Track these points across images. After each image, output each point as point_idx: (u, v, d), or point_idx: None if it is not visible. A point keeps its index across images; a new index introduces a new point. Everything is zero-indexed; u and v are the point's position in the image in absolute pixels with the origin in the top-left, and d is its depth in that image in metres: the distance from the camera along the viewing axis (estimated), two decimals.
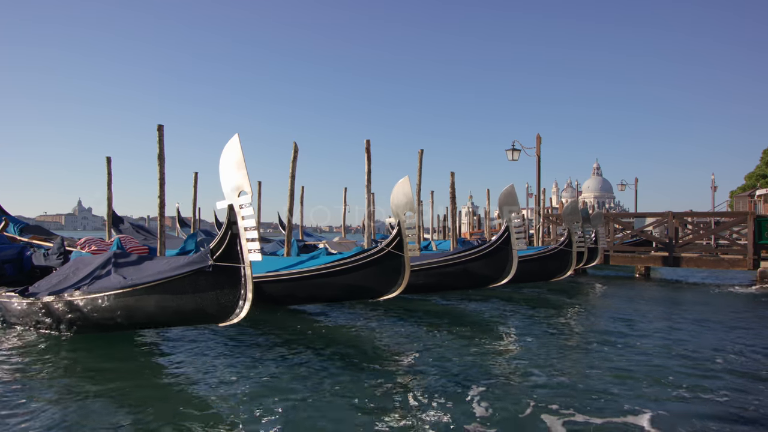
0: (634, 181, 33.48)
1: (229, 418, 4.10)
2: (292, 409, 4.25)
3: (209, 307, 5.08)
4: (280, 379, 5.02)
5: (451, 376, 5.15)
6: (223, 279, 4.92)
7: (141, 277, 5.51)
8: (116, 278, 5.78)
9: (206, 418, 4.08)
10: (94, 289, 5.78)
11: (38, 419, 4.00)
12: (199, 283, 5.04)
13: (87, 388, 4.71)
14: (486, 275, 9.29)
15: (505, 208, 8.94)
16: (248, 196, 4.75)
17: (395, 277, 7.50)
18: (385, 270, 7.53)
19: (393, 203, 7.49)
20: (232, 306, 4.95)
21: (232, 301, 4.94)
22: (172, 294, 5.20)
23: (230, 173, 4.76)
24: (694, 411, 4.28)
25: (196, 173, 14.88)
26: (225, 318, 5.06)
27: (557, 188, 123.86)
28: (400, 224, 7.36)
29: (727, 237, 16.29)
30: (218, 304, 5.01)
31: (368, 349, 6.40)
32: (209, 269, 4.92)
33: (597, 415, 4.15)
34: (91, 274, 6.15)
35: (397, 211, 7.48)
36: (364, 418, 4.08)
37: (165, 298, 5.26)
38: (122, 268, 6.00)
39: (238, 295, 4.90)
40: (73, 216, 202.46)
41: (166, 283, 5.20)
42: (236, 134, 4.80)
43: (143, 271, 5.75)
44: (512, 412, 4.22)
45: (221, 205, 4.84)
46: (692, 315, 9.15)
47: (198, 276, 5.01)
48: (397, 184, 7.63)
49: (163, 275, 5.25)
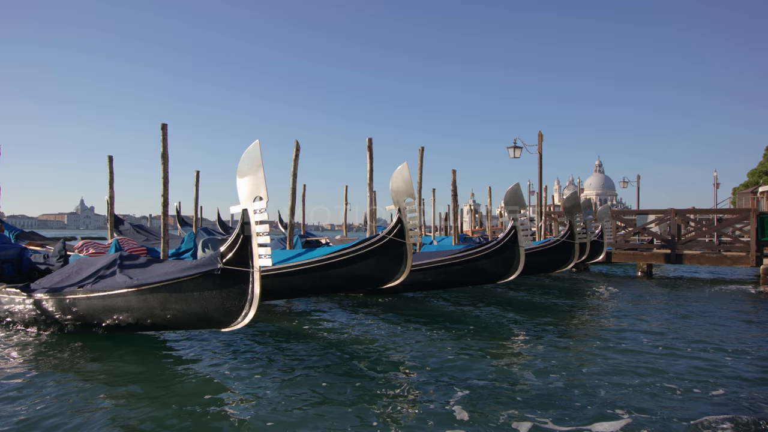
0: (636, 178, 33.35)
1: (228, 417, 4.12)
2: (293, 410, 4.27)
3: (214, 311, 5.03)
4: (280, 380, 5.03)
5: (446, 375, 5.16)
6: (230, 283, 4.88)
7: (147, 278, 5.48)
8: (122, 278, 5.74)
9: (212, 419, 4.10)
10: (99, 288, 5.76)
11: (38, 418, 4.01)
12: (206, 286, 4.99)
13: (88, 387, 4.73)
14: (493, 272, 9.35)
15: (511, 207, 8.95)
16: (264, 202, 4.74)
17: (398, 264, 7.47)
18: (387, 258, 7.49)
19: (392, 190, 7.39)
20: (237, 311, 4.90)
21: (237, 306, 4.89)
22: (178, 296, 5.16)
23: (248, 178, 4.75)
24: (694, 412, 4.29)
25: (197, 172, 14.88)
26: (228, 323, 5.01)
27: (559, 186, 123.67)
28: (401, 211, 7.31)
29: (730, 234, 16.25)
30: (223, 308, 4.96)
31: (370, 350, 6.41)
32: (218, 272, 4.87)
33: (599, 415, 4.16)
34: (96, 273, 6.12)
35: (396, 198, 7.38)
36: (367, 419, 4.10)
37: (171, 299, 5.22)
38: (128, 269, 5.97)
39: (244, 301, 4.84)
40: (75, 215, 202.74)
41: (172, 284, 5.16)
42: (257, 140, 4.78)
43: (150, 273, 5.72)
44: (511, 411, 4.24)
45: (236, 209, 4.83)
46: (694, 313, 9.15)
47: (206, 279, 4.96)
48: (396, 170, 7.50)
49: (170, 276, 5.22)
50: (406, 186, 7.37)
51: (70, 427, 3.87)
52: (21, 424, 3.90)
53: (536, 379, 5.04)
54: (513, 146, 17.53)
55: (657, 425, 3.92)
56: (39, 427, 3.87)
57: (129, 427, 3.88)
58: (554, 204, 27.95)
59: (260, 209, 4.74)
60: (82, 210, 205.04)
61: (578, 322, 8.37)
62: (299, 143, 10.18)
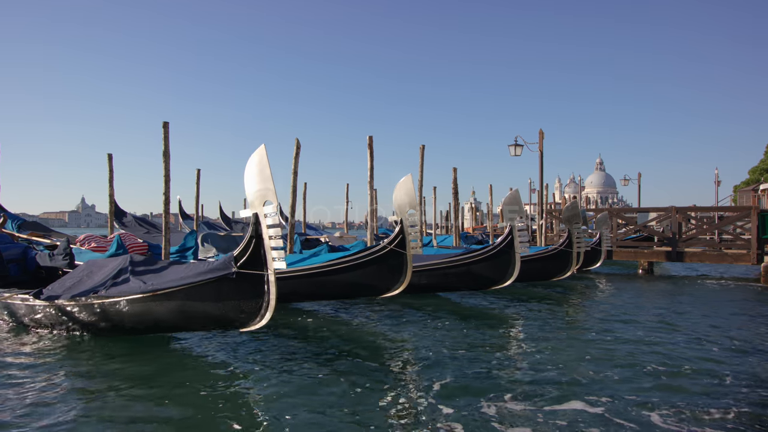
0: (637, 176, 33.33)
1: (236, 417, 4.14)
2: (297, 410, 4.28)
3: (231, 313, 5.09)
4: (289, 382, 5.00)
5: (451, 373, 5.17)
6: (246, 286, 4.94)
7: (162, 283, 5.50)
8: (136, 283, 5.75)
9: (225, 419, 4.11)
10: (114, 293, 5.76)
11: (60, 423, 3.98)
12: (222, 290, 5.06)
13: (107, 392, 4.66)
14: (489, 277, 9.37)
15: (509, 212, 8.99)
16: (273, 205, 4.79)
17: (397, 275, 7.54)
18: (387, 268, 7.56)
19: (395, 202, 7.56)
20: (254, 313, 4.99)
21: (254, 308, 4.97)
22: (194, 300, 5.23)
23: (256, 182, 4.79)
24: (696, 410, 4.30)
25: (198, 170, 14.89)
26: (246, 324, 5.10)
27: (560, 184, 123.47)
28: (402, 222, 7.39)
29: (731, 232, 16.27)
30: (240, 310, 5.03)
31: (377, 348, 6.42)
32: (233, 276, 4.93)
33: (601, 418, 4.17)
34: (108, 278, 6.10)
35: (399, 210, 7.52)
36: (370, 418, 4.11)
37: (186, 304, 5.28)
38: (141, 275, 5.97)
39: (261, 302, 4.92)
40: (76, 213, 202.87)
41: (188, 289, 5.21)
42: (263, 144, 4.83)
43: (164, 277, 5.73)
44: (507, 412, 4.25)
45: (245, 213, 4.90)
46: (694, 311, 9.16)
47: (221, 283, 5.03)
48: (399, 182, 7.66)
49: (185, 281, 5.25)
50: (408, 198, 7.54)
51: (74, 426, 3.89)
52: (41, 429, 3.91)
53: (531, 369, 5.08)
54: (514, 144, 17.54)
55: (656, 425, 3.93)
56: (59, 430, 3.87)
57: (145, 427, 3.89)
58: (555, 202, 28.04)
59: (271, 213, 4.80)
60: (83, 208, 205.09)
61: (578, 319, 8.38)
62: (300, 141, 10.19)
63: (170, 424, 3.92)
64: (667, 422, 3.94)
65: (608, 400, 4.38)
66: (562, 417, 4.03)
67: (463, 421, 3.92)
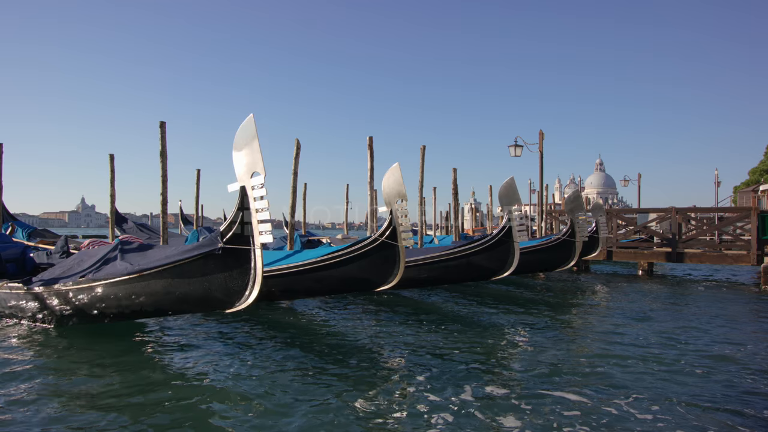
0: (637, 176, 33.29)
1: (225, 412, 4.11)
2: (290, 406, 4.25)
3: (217, 291, 4.98)
4: (273, 377, 4.97)
5: (445, 372, 5.14)
6: (232, 262, 4.82)
7: (148, 263, 5.38)
8: (123, 265, 5.65)
9: (209, 414, 4.08)
10: (100, 276, 5.66)
11: (37, 414, 3.98)
12: (208, 267, 4.93)
13: (88, 381, 4.70)
14: (488, 268, 9.29)
15: (506, 201, 8.90)
16: (261, 177, 4.63)
17: (391, 267, 7.32)
18: (380, 260, 7.34)
19: (384, 192, 7.29)
20: (240, 290, 4.86)
21: (240, 285, 4.85)
22: (181, 278, 5.10)
23: (243, 153, 4.63)
24: (695, 411, 4.27)
25: (198, 170, 14.88)
26: (232, 303, 4.97)
27: (560, 184, 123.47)
28: (393, 213, 7.19)
29: (731, 232, 16.22)
30: (226, 288, 4.91)
31: (368, 347, 6.39)
32: (219, 252, 4.82)
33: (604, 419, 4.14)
34: (97, 262, 6.04)
35: (388, 199, 7.25)
36: (365, 416, 4.08)
37: (173, 282, 5.16)
38: (128, 256, 5.89)
39: (247, 279, 4.81)
40: (76, 213, 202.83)
41: (174, 268, 5.09)
42: (251, 114, 4.66)
43: (150, 257, 5.63)
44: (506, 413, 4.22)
45: (233, 187, 4.73)
46: (694, 311, 9.12)
47: (207, 259, 4.90)
48: (387, 171, 7.38)
49: (171, 259, 5.14)
50: (397, 187, 7.24)
51: (68, 420, 3.85)
52: (19, 420, 3.87)
53: (526, 368, 5.03)
54: (514, 145, 17.52)
55: (656, 426, 3.91)
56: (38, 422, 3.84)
57: (120, 422, 3.86)
58: (555, 202, 28.02)
59: (258, 185, 4.63)
60: (83, 208, 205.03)
61: (577, 318, 8.34)
62: (300, 141, 10.15)
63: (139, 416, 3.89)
64: (667, 422, 3.91)
65: (601, 398, 4.35)
66: (550, 412, 4.00)
67: (451, 413, 3.89)
